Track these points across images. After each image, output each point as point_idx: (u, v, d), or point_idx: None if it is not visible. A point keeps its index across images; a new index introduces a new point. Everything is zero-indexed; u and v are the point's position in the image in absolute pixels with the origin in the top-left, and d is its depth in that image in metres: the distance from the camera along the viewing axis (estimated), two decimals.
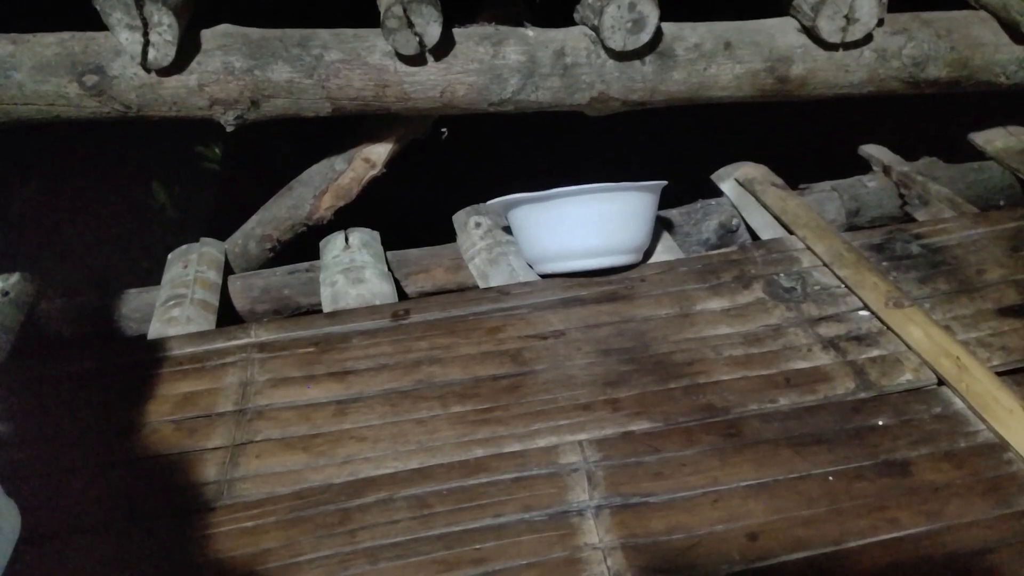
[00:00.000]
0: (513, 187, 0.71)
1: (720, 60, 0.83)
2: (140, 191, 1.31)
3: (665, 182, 0.71)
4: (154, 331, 0.70)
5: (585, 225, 0.68)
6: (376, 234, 0.85)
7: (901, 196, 0.87)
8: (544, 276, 0.73)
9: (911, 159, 0.94)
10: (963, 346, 0.59)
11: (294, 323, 0.68)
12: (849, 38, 0.82)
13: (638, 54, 0.80)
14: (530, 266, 0.75)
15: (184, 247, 0.85)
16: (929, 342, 0.60)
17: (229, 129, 0.80)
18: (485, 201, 0.74)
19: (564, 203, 0.67)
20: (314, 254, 0.85)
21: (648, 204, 0.70)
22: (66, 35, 0.75)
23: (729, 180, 0.90)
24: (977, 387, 0.55)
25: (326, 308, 0.73)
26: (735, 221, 0.85)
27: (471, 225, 0.83)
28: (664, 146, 0.68)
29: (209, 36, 0.76)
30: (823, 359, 0.60)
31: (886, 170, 0.94)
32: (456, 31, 0.79)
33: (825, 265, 0.70)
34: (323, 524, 0.49)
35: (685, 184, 0.66)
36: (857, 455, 0.52)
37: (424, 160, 1.03)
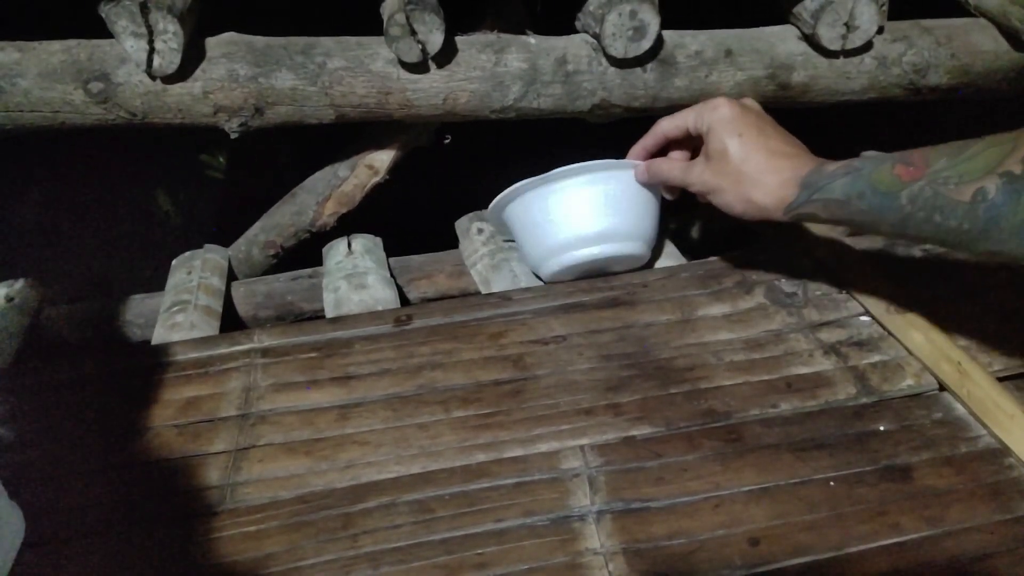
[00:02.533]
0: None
1: (721, 67, 0.83)
2: (145, 198, 1.32)
3: None
4: (158, 336, 0.71)
5: (592, 207, 0.66)
6: (379, 240, 0.85)
7: None
8: (551, 281, 0.72)
9: None
10: (964, 351, 0.59)
11: (297, 329, 0.68)
12: (849, 45, 0.82)
13: (639, 61, 0.81)
14: (536, 276, 0.74)
15: (188, 253, 0.86)
16: (930, 347, 0.60)
17: (233, 136, 0.80)
18: (487, 207, 0.74)
19: (566, 184, 0.66)
20: (317, 260, 0.85)
21: (654, 187, 0.69)
22: (72, 43, 0.75)
23: None
24: (978, 392, 0.55)
25: (329, 314, 0.74)
26: None
27: (473, 231, 0.84)
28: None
29: (214, 44, 0.77)
30: (824, 364, 0.60)
31: None
32: (458, 39, 0.80)
33: (827, 269, 0.70)
34: (325, 529, 0.49)
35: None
36: (858, 460, 0.52)
37: (426, 167, 1.03)
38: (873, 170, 0.53)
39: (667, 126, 0.66)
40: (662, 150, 0.68)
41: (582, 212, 0.67)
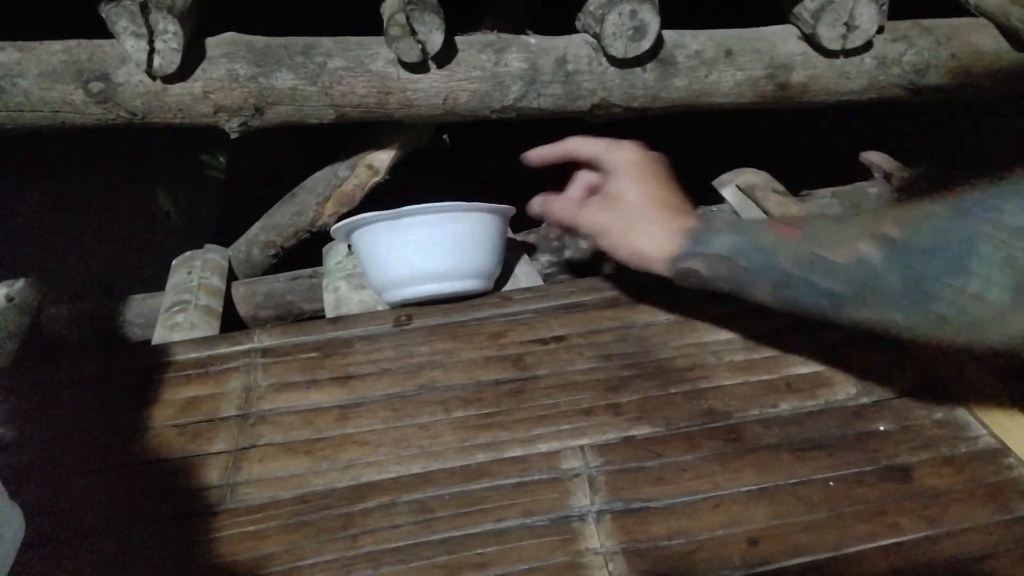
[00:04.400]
0: (514, 194, 0.71)
1: (721, 67, 0.83)
2: (145, 198, 1.32)
3: (514, 209, 0.70)
4: (158, 336, 0.71)
5: (437, 246, 0.66)
6: None
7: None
8: (393, 305, 0.71)
9: (912, 166, 0.95)
10: (964, 351, 0.59)
11: (297, 328, 0.68)
12: (849, 45, 0.83)
13: (639, 61, 0.81)
14: (378, 295, 0.72)
15: (188, 253, 0.86)
16: (930, 347, 0.60)
17: (233, 136, 0.80)
18: None
19: (414, 223, 0.66)
20: (317, 260, 0.85)
21: (499, 228, 0.69)
22: (72, 43, 0.75)
23: (730, 186, 0.90)
24: (978, 393, 0.55)
25: (329, 314, 0.74)
26: None
27: None
28: (666, 152, 0.68)
29: (214, 44, 0.77)
30: (824, 364, 0.60)
31: (887, 177, 0.94)
32: (459, 39, 0.80)
33: None
34: (325, 528, 0.49)
35: (686, 190, 0.66)
36: (858, 460, 0.52)
37: (426, 167, 1.03)
38: (755, 229, 0.54)
39: (577, 147, 0.64)
40: (560, 167, 0.67)
41: (427, 250, 0.67)
